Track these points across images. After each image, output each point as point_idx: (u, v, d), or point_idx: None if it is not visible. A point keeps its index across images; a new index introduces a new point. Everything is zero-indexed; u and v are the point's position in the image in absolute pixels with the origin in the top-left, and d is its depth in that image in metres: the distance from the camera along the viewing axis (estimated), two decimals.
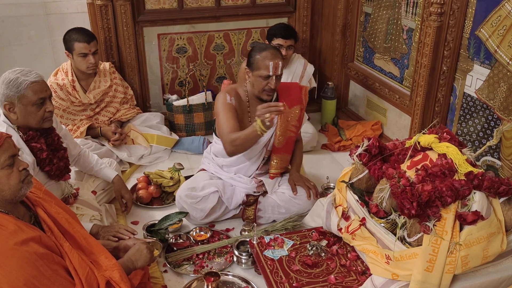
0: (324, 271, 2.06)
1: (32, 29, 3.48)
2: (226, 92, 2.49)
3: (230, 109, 2.43)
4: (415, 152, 2.10)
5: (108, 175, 2.61)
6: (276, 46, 3.19)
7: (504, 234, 1.86)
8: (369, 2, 3.52)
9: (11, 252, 1.41)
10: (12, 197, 1.53)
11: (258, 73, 2.39)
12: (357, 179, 2.20)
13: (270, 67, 2.34)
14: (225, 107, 2.43)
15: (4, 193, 1.51)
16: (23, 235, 1.46)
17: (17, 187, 1.53)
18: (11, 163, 1.51)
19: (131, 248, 1.87)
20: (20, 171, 1.54)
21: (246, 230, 2.42)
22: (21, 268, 1.40)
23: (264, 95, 2.43)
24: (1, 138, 1.50)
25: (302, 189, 2.58)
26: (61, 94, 3.04)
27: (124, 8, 3.34)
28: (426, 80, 2.81)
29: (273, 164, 2.60)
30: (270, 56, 2.36)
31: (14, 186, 1.52)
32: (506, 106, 2.43)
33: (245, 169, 2.60)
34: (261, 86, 2.41)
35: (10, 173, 1.51)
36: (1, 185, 1.50)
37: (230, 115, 2.41)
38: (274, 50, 2.42)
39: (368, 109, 3.74)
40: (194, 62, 3.78)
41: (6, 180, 1.50)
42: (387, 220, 1.99)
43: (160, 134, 3.29)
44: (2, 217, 1.48)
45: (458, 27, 2.62)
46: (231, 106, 2.44)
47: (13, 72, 2.05)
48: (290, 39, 3.23)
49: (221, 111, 2.43)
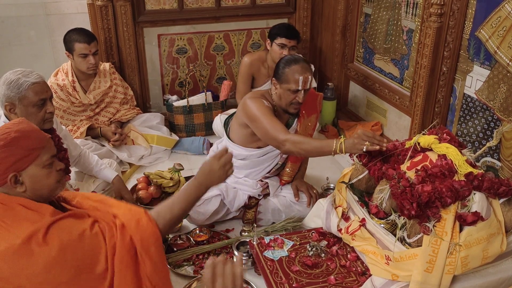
0: (324, 272, 2.07)
1: (32, 29, 3.48)
2: (262, 98, 2.39)
3: (271, 112, 2.34)
4: (415, 153, 2.10)
5: (108, 176, 2.61)
6: (279, 45, 3.19)
7: (504, 235, 1.86)
8: (369, 3, 3.53)
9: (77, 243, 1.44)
10: (49, 195, 1.56)
11: (287, 87, 2.32)
12: (357, 179, 2.20)
13: (300, 81, 2.28)
14: (266, 110, 2.33)
15: (43, 191, 1.53)
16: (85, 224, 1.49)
17: (54, 186, 1.55)
18: (51, 163, 1.54)
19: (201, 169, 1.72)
20: (57, 171, 1.56)
21: (246, 230, 2.42)
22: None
23: (292, 108, 2.38)
24: (44, 139, 1.53)
25: (303, 195, 2.58)
26: (61, 95, 3.04)
27: (124, 9, 3.35)
28: (426, 81, 2.82)
29: (287, 172, 2.60)
30: (300, 70, 2.29)
31: (52, 185, 1.54)
32: (506, 107, 2.43)
33: (255, 173, 2.59)
34: (289, 100, 2.35)
35: (49, 172, 1.53)
36: (41, 184, 1.52)
37: (274, 118, 2.31)
38: (304, 64, 2.34)
39: (368, 109, 3.74)
40: (194, 62, 3.78)
41: (45, 180, 1.52)
42: (387, 220, 1.99)
43: (160, 135, 3.29)
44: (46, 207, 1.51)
45: (458, 28, 2.62)
46: (271, 110, 2.36)
47: (14, 73, 2.06)
48: (294, 40, 3.22)
49: (262, 114, 2.31)
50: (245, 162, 2.54)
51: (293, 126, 2.52)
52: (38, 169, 1.50)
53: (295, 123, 2.53)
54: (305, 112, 2.51)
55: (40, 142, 1.51)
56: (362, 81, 3.72)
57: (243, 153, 2.53)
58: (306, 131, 2.55)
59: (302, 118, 2.52)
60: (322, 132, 3.72)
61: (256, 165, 2.56)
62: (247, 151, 2.52)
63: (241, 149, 2.53)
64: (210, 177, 1.70)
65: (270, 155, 2.54)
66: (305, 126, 2.53)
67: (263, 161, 2.55)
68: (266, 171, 2.59)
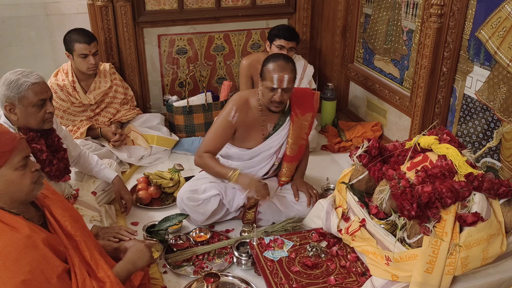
0: (324, 272, 2.07)
1: (32, 30, 3.48)
2: (236, 104, 2.43)
3: (226, 127, 2.43)
4: (415, 153, 2.10)
5: (108, 176, 2.61)
6: (278, 47, 3.19)
7: (504, 236, 1.86)
8: (369, 3, 3.53)
9: (21, 255, 1.41)
10: (25, 198, 1.54)
11: (265, 84, 2.34)
12: (357, 180, 2.20)
13: (274, 79, 2.29)
14: (223, 123, 2.43)
15: (17, 194, 1.51)
16: (35, 238, 1.46)
17: (29, 188, 1.53)
18: (24, 164, 1.52)
19: (130, 248, 1.87)
20: (33, 172, 1.54)
21: (246, 231, 2.42)
22: (29, 272, 1.40)
23: (272, 106, 2.39)
24: (15, 140, 1.51)
25: (303, 195, 2.58)
26: (62, 95, 3.04)
27: (125, 9, 3.35)
28: (426, 82, 2.82)
29: (284, 172, 2.60)
30: (277, 68, 2.29)
31: (27, 187, 1.52)
32: (506, 108, 2.43)
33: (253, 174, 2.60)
34: (268, 98, 2.36)
35: (23, 174, 1.51)
36: (15, 186, 1.50)
37: (221, 133, 2.43)
38: (284, 62, 2.33)
39: (368, 110, 3.74)
40: (194, 63, 3.78)
41: (19, 181, 1.50)
42: (387, 221, 1.99)
43: (160, 135, 3.29)
44: (14, 219, 1.49)
45: (458, 29, 2.62)
46: (229, 125, 2.42)
47: (14, 73, 2.05)
48: (293, 41, 3.21)
49: (218, 124, 2.44)
50: (241, 162, 2.55)
51: (283, 126, 2.51)
52: (10, 172, 1.48)
53: (287, 123, 2.52)
54: (298, 111, 2.51)
55: (10, 144, 1.48)
56: (362, 81, 3.72)
57: (237, 152, 2.56)
58: (302, 130, 2.54)
59: (294, 117, 2.51)
60: (322, 133, 3.72)
61: (250, 166, 2.57)
62: (240, 150, 2.55)
63: (235, 149, 2.56)
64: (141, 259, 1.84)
65: (265, 154, 2.54)
66: (299, 125, 2.52)
67: (259, 162, 2.56)
68: (264, 172, 2.59)
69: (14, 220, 1.49)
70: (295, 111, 2.50)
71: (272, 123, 2.52)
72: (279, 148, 2.54)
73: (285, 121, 2.52)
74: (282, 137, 2.52)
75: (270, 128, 2.53)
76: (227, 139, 2.48)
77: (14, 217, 1.50)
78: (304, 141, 2.59)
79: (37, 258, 1.44)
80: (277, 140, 2.52)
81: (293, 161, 2.59)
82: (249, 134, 2.50)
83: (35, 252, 1.44)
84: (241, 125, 2.45)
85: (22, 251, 1.42)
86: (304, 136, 2.57)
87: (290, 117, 2.52)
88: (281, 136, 2.52)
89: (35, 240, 1.46)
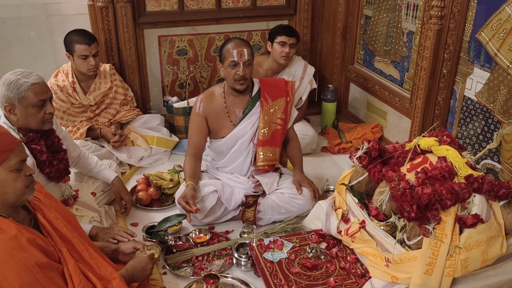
0: (324, 274, 2.06)
1: (33, 30, 3.48)
2: (200, 96, 2.62)
3: (197, 120, 2.59)
4: (415, 155, 2.10)
5: (107, 177, 2.61)
6: (280, 43, 3.23)
7: (504, 238, 1.86)
8: (370, 5, 3.53)
9: (9, 257, 1.40)
10: (15, 201, 1.53)
11: (226, 63, 2.46)
12: (357, 181, 2.20)
13: (234, 53, 2.42)
14: (193, 118, 2.61)
15: (8, 196, 1.51)
16: (23, 240, 1.46)
17: (21, 191, 1.53)
18: (20, 168, 1.52)
19: (136, 261, 1.87)
20: (27, 176, 1.55)
21: (246, 232, 2.42)
22: (17, 274, 1.39)
23: (237, 84, 2.49)
24: (14, 143, 1.51)
25: (305, 189, 2.58)
26: (61, 96, 3.04)
27: (125, 10, 3.35)
28: (426, 83, 2.82)
29: (259, 157, 2.61)
30: (234, 45, 2.45)
31: (19, 190, 1.52)
32: (506, 110, 2.43)
33: (239, 168, 2.63)
34: (231, 76, 2.47)
35: (17, 177, 1.51)
36: (7, 188, 1.50)
37: (195, 128, 2.60)
38: (239, 40, 2.51)
39: (368, 111, 3.74)
40: (194, 64, 3.78)
41: (12, 184, 1.50)
42: (386, 223, 1.99)
43: (160, 136, 3.29)
44: (2, 221, 1.48)
45: (458, 30, 2.62)
46: (197, 116, 2.59)
47: (14, 73, 2.05)
48: (293, 37, 3.28)
49: (190, 121, 2.64)
50: (226, 158, 2.62)
51: (253, 111, 2.57)
52: (5, 173, 1.48)
53: (257, 107, 2.58)
54: (268, 96, 2.58)
55: (10, 145, 1.49)
56: (362, 83, 3.72)
57: (217, 145, 2.64)
58: (274, 115, 2.58)
59: (264, 102, 2.57)
60: (323, 134, 3.72)
61: (233, 159, 2.62)
62: (218, 142, 2.63)
63: (214, 142, 2.66)
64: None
65: (241, 143, 2.58)
66: (269, 111, 2.57)
67: (239, 153, 2.60)
68: (248, 163, 2.63)
69: (2, 222, 1.48)
70: (264, 96, 2.58)
71: (240, 108, 2.59)
72: (253, 134, 2.58)
73: (254, 105, 2.58)
74: (253, 122, 2.58)
75: (240, 114, 2.59)
76: (202, 132, 2.60)
77: (3, 219, 1.50)
78: (279, 127, 2.60)
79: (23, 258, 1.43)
80: (249, 125, 2.58)
81: (266, 145, 2.59)
82: (219, 122, 2.59)
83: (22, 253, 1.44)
84: (209, 114, 2.58)
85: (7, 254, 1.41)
86: (278, 121, 2.59)
87: (260, 102, 2.58)
88: (252, 121, 2.58)
89: (20, 242, 1.45)
